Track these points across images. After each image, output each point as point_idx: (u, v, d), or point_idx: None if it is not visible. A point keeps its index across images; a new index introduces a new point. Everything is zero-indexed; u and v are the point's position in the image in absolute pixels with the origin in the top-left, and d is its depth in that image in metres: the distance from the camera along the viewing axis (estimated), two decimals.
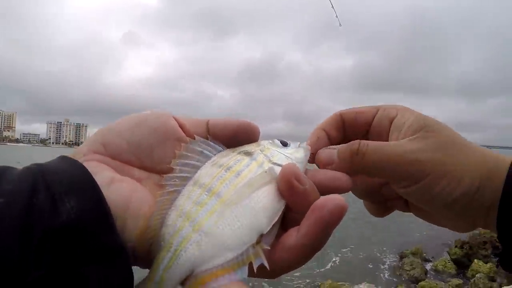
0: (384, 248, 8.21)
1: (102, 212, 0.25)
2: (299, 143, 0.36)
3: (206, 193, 0.28)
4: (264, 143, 0.34)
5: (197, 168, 0.30)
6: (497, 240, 0.34)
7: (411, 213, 0.41)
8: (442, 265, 7.01)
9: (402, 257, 7.43)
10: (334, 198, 0.26)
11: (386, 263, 7.42)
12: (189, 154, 0.31)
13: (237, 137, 0.33)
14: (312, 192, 0.29)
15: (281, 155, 0.33)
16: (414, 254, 7.40)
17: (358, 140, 0.34)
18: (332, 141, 0.40)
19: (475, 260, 6.56)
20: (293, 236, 0.27)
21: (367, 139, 0.36)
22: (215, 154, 0.32)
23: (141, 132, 0.31)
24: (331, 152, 0.35)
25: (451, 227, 0.37)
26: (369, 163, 0.33)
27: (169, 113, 0.33)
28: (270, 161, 0.32)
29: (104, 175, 0.28)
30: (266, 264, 0.26)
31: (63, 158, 0.29)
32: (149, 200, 0.28)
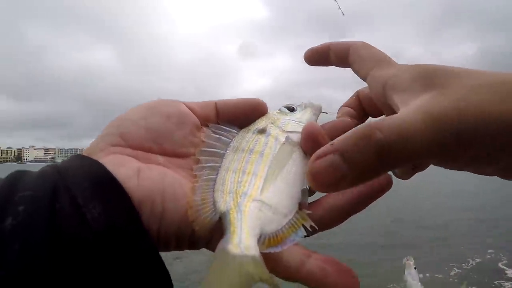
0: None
1: (132, 217, 0.24)
2: (303, 103, 0.36)
3: (242, 174, 0.29)
4: (272, 114, 0.34)
5: (220, 155, 0.31)
6: None
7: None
8: None
9: None
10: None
11: None
12: (209, 142, 0.31)
13: (248, 116, 0.33)
14: None
15: (292, 121, 0.34)
16: None
17: (367, 126, 0.21)
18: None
19: None
20: (331, 198, 0.28)
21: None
22: (231, 139, 0.32)
23: (156, 118, 0.29)
24: (331, 160, 0.21)
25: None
26: (396, 148, 0.20)
27: (177, 100, 0.32)
28: (283, 131, 0.33)
29: (130, 166, 0.26)
30: (315, 226, 0.26)
31: (80, 157, 0.27)
32: (181, 182, 0.28)
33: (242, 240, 0.23)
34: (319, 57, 0.34)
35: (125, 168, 0.26)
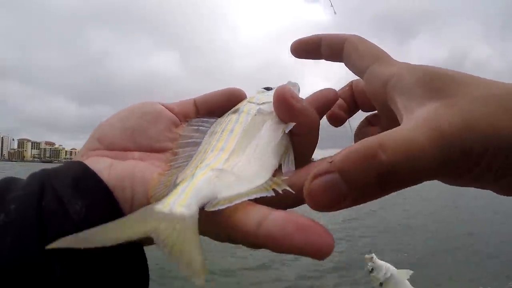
0: None
1: (112, 207, 0.25)
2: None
3: (210, 152, 0.28)
4: (249, 97, 0.34)
5: (198, 144, 0.30)
6: None
7: None
8: None
9: None
10: None
11: None
12: (186, 134, 0.31)
13: (228, 105, 0.33)
14: (311, 110, 0.27)
15: (266, 95, 0.33)
16: None
17: (370, 145, 0.19)
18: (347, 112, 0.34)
19: None
20: (323, 164, 0.21)
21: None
22: (209, 127, 0.32)
23: (131, 118, 0.30)
24: (331, 180, 0.19)
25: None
26: (399, 171, 0.18)
27: (155, 101, 0.32)
28: (257, 104, 0.32)
29: (103, 162, 0.28)
30: (290, 189, 0.23)
31: (67, 162, 0.29)
32: (152, 170, 0.28)
33: (177, 200, 0.21)
34: (308, 48, 0.32)
35: (98, 164, 0.27)
